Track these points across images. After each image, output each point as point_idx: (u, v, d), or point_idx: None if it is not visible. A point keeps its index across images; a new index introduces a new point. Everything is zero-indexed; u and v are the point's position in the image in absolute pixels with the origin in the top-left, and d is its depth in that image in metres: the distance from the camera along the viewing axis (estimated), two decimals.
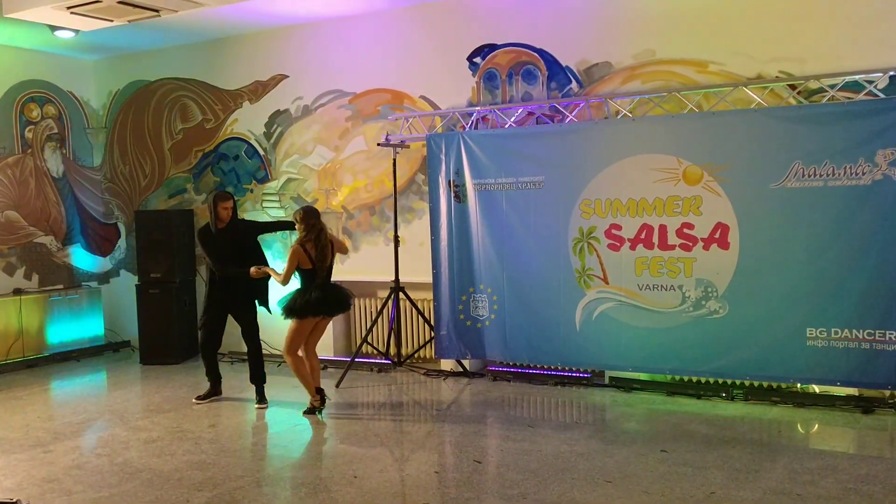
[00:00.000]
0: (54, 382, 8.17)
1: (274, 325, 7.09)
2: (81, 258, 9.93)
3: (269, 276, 6.61)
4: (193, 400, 6.98)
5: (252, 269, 6.57)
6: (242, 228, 7.04)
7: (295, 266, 6.22)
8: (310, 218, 6.30)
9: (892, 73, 5.95)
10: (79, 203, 9.92)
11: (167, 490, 4.81)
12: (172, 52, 9.40)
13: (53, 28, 8.08)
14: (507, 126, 7.37)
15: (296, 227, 6.39)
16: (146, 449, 5.65)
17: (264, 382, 6.91)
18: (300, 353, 6.39)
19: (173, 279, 8.91)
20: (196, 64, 9.31)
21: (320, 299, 6.25)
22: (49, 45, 9.08)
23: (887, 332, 5.82)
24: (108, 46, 9.31)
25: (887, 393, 6.09)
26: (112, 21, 7.60)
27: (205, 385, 7.09)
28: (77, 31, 8.16)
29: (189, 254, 9.24)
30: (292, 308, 6.23)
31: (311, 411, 6.40)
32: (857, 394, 6.17)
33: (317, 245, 6.23)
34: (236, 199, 9.05)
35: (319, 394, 6.44)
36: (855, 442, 5.58)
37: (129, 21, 7.59)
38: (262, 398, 6.83)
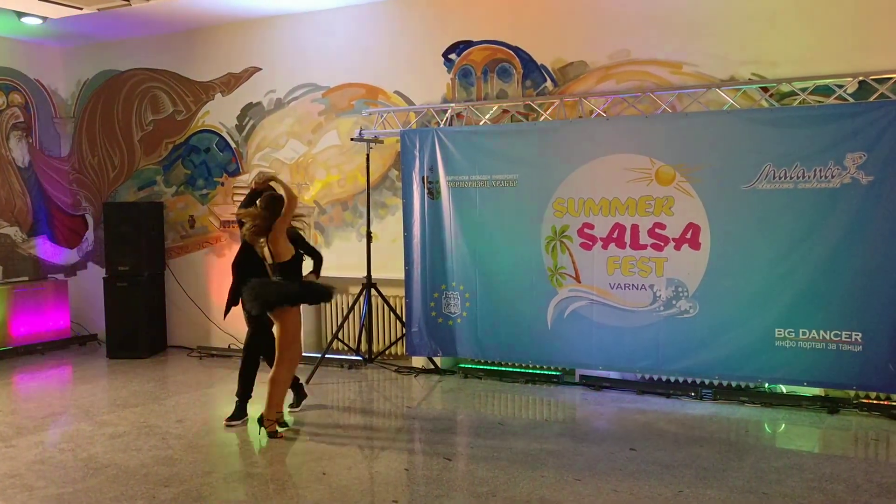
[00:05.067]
0: (18, 376, 8.02)
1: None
2: (47, 250, 9.76)
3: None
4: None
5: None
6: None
7: None
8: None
9: (861, 78, 6.03)
10: (45, 193, 9.75)
11: (132, 486, 4.74)
12: (144, 42, 9.26)
13: (20, 14, 7.92)
14: (481, 123, 7.36)
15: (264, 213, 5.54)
16: (112, 444, 5.56)
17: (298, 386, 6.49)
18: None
19: (141, 272, 8.79)
20: (168, 55, 9.18)
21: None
22: (16, 31, 8.90)
23: (853, 333, 5.91)
24: (78, 34, 9.15)
25: (852, 393, 6.18)
26: (81, 9, 7.47)
27: (172, 380, 6.94)
28: (45, 18, 8.01)
29: (158, 247, 9.12)
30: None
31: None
32: (822, 394, 6.26)
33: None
34: (207, 192, 9.04)
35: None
36: (820, 441, 5.65)
37: (98, 9, 7.47)
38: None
